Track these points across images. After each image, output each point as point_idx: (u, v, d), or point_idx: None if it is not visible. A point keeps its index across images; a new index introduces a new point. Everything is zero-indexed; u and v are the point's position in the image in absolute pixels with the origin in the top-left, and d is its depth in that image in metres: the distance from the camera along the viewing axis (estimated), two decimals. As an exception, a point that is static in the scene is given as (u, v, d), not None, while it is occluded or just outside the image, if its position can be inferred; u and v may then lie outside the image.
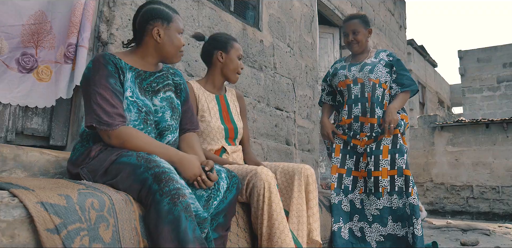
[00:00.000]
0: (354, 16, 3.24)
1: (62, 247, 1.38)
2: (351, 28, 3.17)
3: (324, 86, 3.43)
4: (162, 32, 1.96)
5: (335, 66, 3.36)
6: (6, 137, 2.31)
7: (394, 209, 2.97)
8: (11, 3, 2.28)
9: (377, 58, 3.19)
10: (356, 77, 3.12)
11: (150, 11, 1.98)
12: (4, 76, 2.26)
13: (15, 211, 1.37)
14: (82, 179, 1.80)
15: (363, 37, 3.17)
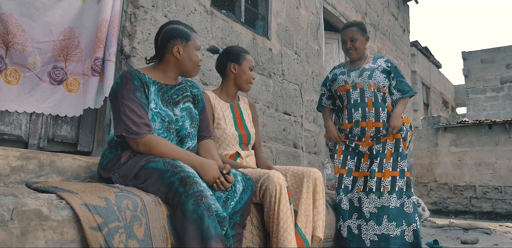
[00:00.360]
0: (352, 24, 3.35)
1: (104, 243, 1.59)
2: (349, 36, 3.30)
3: (324, 90, 3.54)
4: (182, 49, 2.17)
5: (334, 72, 3.48)
6: (39, 144, 2.52)
7: (391, 208, 3.09)
8: (43, 20, 2.49)
9: (375, 63, 3.33)
10: (356, 82, 3.25)
11: (171, 31, 2.19)
12: (37, 88, 2.48)
13: (63, 212, 1.58)
14: (113, 183, 2.01)
15: (361, 44, 3.31)
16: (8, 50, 2.34)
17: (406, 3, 8.60)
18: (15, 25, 2.37)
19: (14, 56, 2.38)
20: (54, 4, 2.54)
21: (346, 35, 3.32)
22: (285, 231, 2.18)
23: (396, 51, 7.90)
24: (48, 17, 2.50)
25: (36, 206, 1.51)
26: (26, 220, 1.46)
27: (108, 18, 2.62)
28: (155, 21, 2.96)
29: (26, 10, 2.43)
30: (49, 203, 1.56)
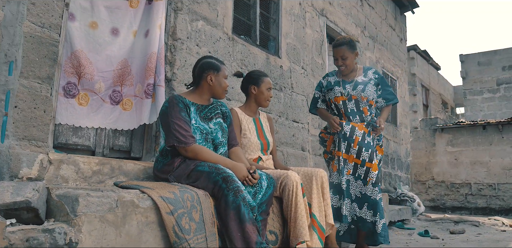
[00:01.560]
0: (342, 43, 3.62)
1: (176, 223, 2.26)
2: (340, 54, 3.61)
3: (319, 94, 3.83)
4: (214, 78, 2.84)
5: (328, 80, 3.77)
6: (103, 152, 3.19)
7: (372, 199, 3.52)
8: (105, 54, 3.16)
9: (366, 76, 3.69)
10: (351, 94, 3.62)
11: (205, 64, 2.87)
12: (101, 108, 3.14)
13: (147, 202, 2.25)
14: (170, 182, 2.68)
15: (351, 61, 3.63)
16: (80, 79, 3.01)
17: (403, 14, 9.23)
18: (85, 59, 3.03)
19: (85, 84, 3.04)
20: (112, 40, 3.20)
21: (337, 53, 3.63)
22: (302, 217, 2.85)
23: (394, 60, 8.53)
24: (108, 51, 3.17)
25: (130, 198, 2.18)
26: (125, 207, 2.13)
27: (156, 51, 3.28)
28: (190, 50, 3.63)
29: (92, 47, 3.09)
30: (137, 196, 2.24)
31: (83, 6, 3.04)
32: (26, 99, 2.51)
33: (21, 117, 2.48)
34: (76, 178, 2.65)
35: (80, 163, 2.68)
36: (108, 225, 2.05)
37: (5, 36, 2.44)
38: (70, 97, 2.93)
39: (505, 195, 10.19)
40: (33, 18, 2.57)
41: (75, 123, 2.96)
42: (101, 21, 3.11)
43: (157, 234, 2.26)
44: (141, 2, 3.33)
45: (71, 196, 1.99)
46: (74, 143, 3.04)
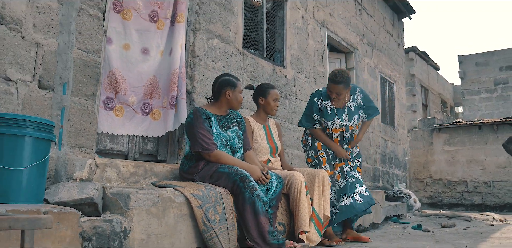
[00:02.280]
0: (340, 81, 3.81)
1: (204, 215, 2.76)
2: (336, 91, 3.84)
3: (317, 117, 4.05)
4: (231, 93, 3.35)
5: (324, 104, 4.00)
6: (134, 156, 3.70)
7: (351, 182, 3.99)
8: (137, 71, 3.66)
9: (355, 100, 4.02)
10: (348, 125, 3.99)
11: (224, 81, 3.37)
12: (134, 118, 3.65)
13: (180, 198, 2.76)
14: (195, 181, 3.19)
15: (344, 96, 3.93)
16: (116, 94, 3.52)
17: (400, 20, 9.71)
18: (120, 76, 3.54)
19: (120, 98, 3.55)
20: (143, 59, 3.70)
21: (334, 89, 3.84)
22: (304, 211, 3.37)
23: (391, 64, 9.02)
24: (139, 68, 3.67)
25: (168, 195, 2.69)
26: (164, 202, 2.64)
27: (178, 67, 3.79)
28: (207, 65, 4.14)
29: (126, 65, 3.59)
30: (173, 193, 2.75)
31: (117, 31, 3.54)
32: (76, 113, 3.02)
33: (73, 128, 2.99)
34: (117, 179, 3.16)
35: (120, 166, 3.19)
36: (152, 216, 2.56)
37: (60, 61, 2.95)
38: (109, 109, 3.43)
39: (499, 192, 10.67)
40: (80, 45, 3.08)
41: (113, 132, 3.46)
42: (132, 42, 3.61)
43: (189, 224, 2.78)
44: (166, 24, 3.82)
45: (124, 194, 2.51)
46: (111, 149, 3.55)
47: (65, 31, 2.99)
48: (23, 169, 2.23)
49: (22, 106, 2.73)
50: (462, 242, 3.83)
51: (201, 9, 4.15)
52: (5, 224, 1.45)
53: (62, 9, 2.98)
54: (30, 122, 2.26)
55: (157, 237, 2.58)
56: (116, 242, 2.37)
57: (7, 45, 2.66)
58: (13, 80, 2.69)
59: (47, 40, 2.88)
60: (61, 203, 2.43)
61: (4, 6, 2.66)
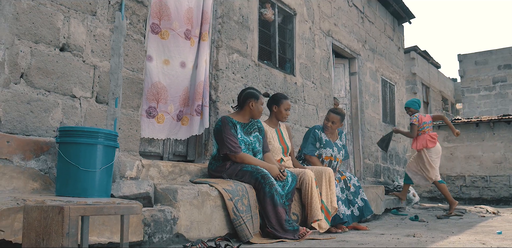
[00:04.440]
0: (340, 113, 4.75)
1: (234, 206, 3.38)
2: (333, 120, 4.71)
3: (318, 145, 4.79)
4: (254, 104, 3.96)
5: (321, 136, 4.79)
6: (168, 157, 4.32)
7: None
8: (175, 83, 4.21)
9: (341, 140, 4.96)
10: (336, 156, 4.81)
11: (249, 93, 3.99)
12: (171, 124, 4.23)
13: (215, 192, 3.38)
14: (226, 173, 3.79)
15: (337, 127, 4.81)
16: (158, 103, 4.11)
17: (400, 25, 10.27)
18: (162, 88, 4.13)
19: (161, 106, 4.14)
20: (180, 72, 4.26)
21: (332, 118, 4.72)
22: (316, 202, 4.00)
23: (392, 67, 9.61)
24: (177, 80, 4.24)
25: (205, 190, 3.32)
26: (203, 196, 3.27)
27: (203, 79, 4.39)
28: (228, 77, 4.75)
29: (167, 78, 4.15)
30: (209, 188, 3.38)
31: (158, 49, 4.12)
32: (125, 122, 3.64)
33: (123, 135, 3.61)
34: (158, 177, 3.78)
35: (161, 166, 3.81)
36: (194, 207, 3.19)
37: (112, 80, 3.56)
38: (151, 117, 4.04)
39: (496, 186, 11.26)
40: (127, 65, 3.69)
41: (154, 136, 4.07)
42: (171, 58, 4.18)
43: (221, 214, 3.41)
44: (195, 41, 4.42)
45: (172, 189, 3.13)
46: (149, 151, 4.17)
47: (116, 54, 3.60)
48: (97, 171, 2.85)
49: (84, 118, 3.35)
50: (450, 229, 4.44)
51: (222, 28, 4.75)
52: (112, 211, 2.08)
53: (113, 36, 3.59)
54: (101, 133, 2.88)
55: (198, 224, 3.21)
56: (168, 227, 3.00)
57: (72, 68, 3.27)
58: (77, 97, 3.30)
59: (102, 63, 3.49)
60: (124, 197, 3.05)
61: (69, 36, 3.28)
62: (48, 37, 3.11)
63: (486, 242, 3.25)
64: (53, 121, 3.13)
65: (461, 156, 11.76)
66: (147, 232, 2.87)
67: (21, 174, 2.89)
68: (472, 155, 11.62)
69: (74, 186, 2.78)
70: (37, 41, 3.04)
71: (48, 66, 3.10)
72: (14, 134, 2.89)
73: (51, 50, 3.13)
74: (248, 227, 3.41)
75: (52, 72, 3.12)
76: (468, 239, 3.53)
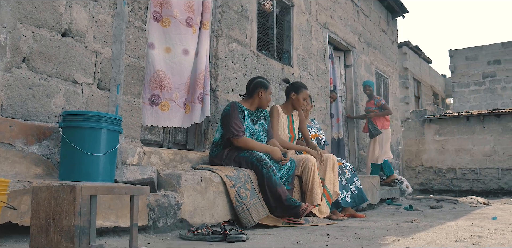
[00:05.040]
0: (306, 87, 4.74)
1: (236, 193, 3.40)
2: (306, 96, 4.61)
3: None
4: (263, 94, 3.99)
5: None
6: (168, 145, 4.32)
7: None
8: (179, 70, 4.18)
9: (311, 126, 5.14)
10: (319, 134, 5.10)
11: (259, 82, 4.02)
12: (177, 112, 4.20)
13: (217, 178, 3.40)
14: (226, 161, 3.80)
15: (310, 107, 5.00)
16: (162, 91, 4.10)
17: (394, 19, 10.32)
18: (165, 75, 4.11)
19: (165, 94, 4.12)
20: (182, 60, 4.24)
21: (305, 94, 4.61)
22: (317, 188, 4.04)
23: (386, 60, 9.66)
24: (181, 68, 4.22)
25: (208, 176, 3.33)
26: (206, 182, 3.28)
27: (204, 68, 4.38)
28: (227, 67, 4.75)
29: (170, 66, 4.15)
30: (211, 174, 3.39)
31: (159, 36, 4.10)
32: (127, 109, 3.63)
33: (124, 122, 3.60)
34: (159, 164, 3.78)
35: (162, 153, 3.81)
36: (197, 192, 3.20)
37: (114, 66, 3.55)
38: (155, 105, 4.02)
39: (485, 178, 11.39)
40: (128, 52, 3.68)
41: (158, 124, 4.05)
42: (173, 45, 4.15)
43: (224, 199, 3.42)
44: (197, 29, 4.40)
45: (176, 174, 3.14)
46: (149, 139, 4.17)
47: (118, 41, 3.59)
48: (101, 155, 2.85)
49: (86, 104, 3.34)
50: (446, 217, 4.50)
51: (222, 17, 4.75)
52: (122, 191, 2.08)
53: (115, 22, 3.57)
54: (105, 117, 2.87)
55: (201, 209, 3.22)
56: (172, 212, 3.00)
57: (74, 54, 3.26)
58: (79, 83, 3.29)
59: (104, 49, 3.48)
60: (128, 182, 3.06)
61: (72, 22, 3.26)
62: (50, 22, 3.09)
63: (483, 226, 3.31)
64: (55, 106, 3.12)
65: (452, 149, 11.87)
66: (152, 217, 2.88)
67: (23, 159, 2.87)
68: (463, 148, 11.73)
69: (79, 170, 2.78)
70: (39, 26, 3.02)
71: (50, 51, 3.08)
72: (16, 118, 2.87)
73: (53, 35, 3.11)
74: (251, 213, 3.42)
75: (54, 57, 3.10)
76: (465, 223, 3.59)
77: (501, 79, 16.35)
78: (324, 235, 2.87)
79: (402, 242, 2.46)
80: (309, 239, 2.69)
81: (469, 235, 2.68)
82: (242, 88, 4.98)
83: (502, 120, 11.26)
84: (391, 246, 2.28)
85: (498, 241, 2.43)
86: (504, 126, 11.23)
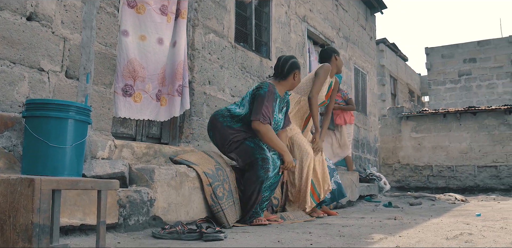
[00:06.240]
0: None
1: (212, 192, 3.22)
2: None
3: None
4: (297, 75, 3.70)
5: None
6: (141, 139, 4.11)
7: None
8: (153, 60, 3.95)
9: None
10: None
11: (294, 63, 3.70)
12: (150, 104, 3.99)
13: (193, 173, 3.21)
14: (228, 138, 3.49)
15: None
16: (135, 81, 3.88)
17: (373, 15, 10.26)
18: (139, 65, 3.89)
19: (138, 85, 3.90)
20: (157, 49, 4.02)
21: None
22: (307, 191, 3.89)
23: (364, 56, 9.58)
24: (156, 57, 3.99)
25: (183, 170, 3.14)
26: (181, 176, 3.09)
27: (182, 59, 4.18)
28: (204, 58, 4.56)
29: (144, 55, 3.92)
30: (187, 169, 3.20)
31: (134, 23, 3.87)
32: (97, 100, 3.42)
33: (94, 113, 3.39)
34: (132, 158, 3.58)
35: (134, 147, 3.61)
36: (172, 188, 3.01)
37: (83, 54, 3.33)
38: (128, 96, 3.80)
39: (461, 176, 11.47)
40: (99, 39, 3.46)
41: (131, 116, 3.82)
42: (148, 33, 3.93)
43: (200, 196, 3.24)
44: (172, 18, 4.19)
45: (149, 169, 2.94)
46: (121, 132, 3.95)
47: (88, 27, 3.36)
48: (68, 147, 2.63)
49: (53, 93, 3.11)
50: (428, 213, 4.41)
51: (199, 6, 4.55)
52: (88, 185, 1.89)
53: (85, 7, 3.35)
54: (73, 107, 2.66)
55: (176, 206, 3.03)
56: (144, 209, 2.81)
57: (40, 40, 3.03)
58: (45, 70, 3.06)
59: (73, 35, 3.25)
60: (97, 176, 2.85)
61: (37, 5, 3.02)
62: (13, 4, 2.86)
63: (469, 223, 3.21)
64: (18, 95, 2.89)
65: (428, 146, 11.91)
66: (122, 214, 2.68)
67: (-18, 151, 2.64)
68: (439, 145, 11.79)
69: (43, 164, 2.56)
70: (1, 8, 2.78)
71: (14, 35, 2.85)
72: (-25, 108, 2.64)
73: (17, 18, 2.88)
74: (226, 215, 3.21)
75: (18, 43, 2.87)
76: (450, 220, 3.49)
77: (476, 77, 16.52)
78: (307, 233, 2.72)
79: (390, 240, 2.33)
80: (291, 237, 2.53)
81: (459, 232, 2.57)
82: (219, 80, 4.80)
83: (478, 118, 11.33)
84: (379, 246, 2.14)
85: (491, 239, 2.32)
86: (480, 124, 11.31)
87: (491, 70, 16.37)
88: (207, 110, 4.62)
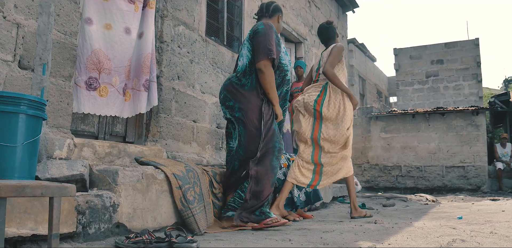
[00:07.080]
0: None
1: (182, 196, 2.95)
2: None
3: None
4: (280, 19, 3.75)
5: None
6: (104, 137, 3.79)
7: None
8: (120, 51, 3.64)
9: None
10: None
11: (277, 7, 3.73)
12: (117, 99, 3.67)
13: (161, 175, 2.93)
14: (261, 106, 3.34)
15: None
16: (100, 74, 3.55)
17: (345, 13, 10.14)
18: (104, 56, 3.57)
19: (104, 78, 3.57)
20: (124, 39, 3.70)
21: None
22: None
23: (336, 55, 9.44)
24: (122, 48, 3.68)
25: (150, 172, 2.86)
26: (148, 179, 2.81)
27: (150, 51, 3.87)
28: (173, 51, 4.27)
29: (110, 45, 3.60)
30: (154, 170, 2.92)
31: (99, 11, 3.55)
32: (55, 94, 3.09)
33: (51, 108, 3.06)
34: (93, 158, 3.27)
35: (96, 146, 3.30)
36: (137, 192, 2.73)
37: (39, 43, 3.00)
38: (92, 89, 3.47)
39: (430, 176, 11.49)
40: (58, 27, 3.13)
41: (96, 112, 3.50)
42: (114, 22, 3.61)
43: (169, 200, 2.96)
44: (139, 7, 3.88)
45: (112, 170, 2.65)
46: (82, 130, 3.62)
47: (45, 13, 3.03)
48: (18, 146, 2.31)
49: (4, 85, 2.77)
50: (405, 216, 4.25)
51: (169, -4, 4.26)
52: (38, 191, 1.59)
53: (41, -9, 3.02)
54: (24, 99, 2.34)
55: (142, 212, 2.75)
56: (107, 216, 2.52)
57: (-11, 25, 2.69)
58: (-5, 60, 2.72)
59: (28, 21, 2.92)
60: (52, 179, 2.53)
61: (-14, -14, 2.69)
62: (-43, -17, 2.51)
63: (455, 227, 3.04)
64: (-38, 87, 2.55)
65: (397, 147, 11.89)
66: (81, 221, 2.38)
67: None
68: (408, 146, 11.78)
69: (-12, 165, 2.24)
70: None
71: (-43, 19, 2.51)
72: None
73: (-39, 0, 2.54)
74: (197, 220, 2.95)
75: (-38, 27, 2.53)
76: (433, 224, 3.31)
77: (443, 78, 16.68)
78: (286, 240, 2.49)
79: (380, 249, 2.11)
80: (270, 245, 2.29)
81: (450, 239, 2.38)
82: (189, 75, 4.52)
83: (447, 118, 11.38)
84: (371, 256, 1.92)
85: (487, 245, 2.13)
86: (448, 124, 11.36)
87: (457, 71, 16.56)
88: (176, 107, 4.33)
